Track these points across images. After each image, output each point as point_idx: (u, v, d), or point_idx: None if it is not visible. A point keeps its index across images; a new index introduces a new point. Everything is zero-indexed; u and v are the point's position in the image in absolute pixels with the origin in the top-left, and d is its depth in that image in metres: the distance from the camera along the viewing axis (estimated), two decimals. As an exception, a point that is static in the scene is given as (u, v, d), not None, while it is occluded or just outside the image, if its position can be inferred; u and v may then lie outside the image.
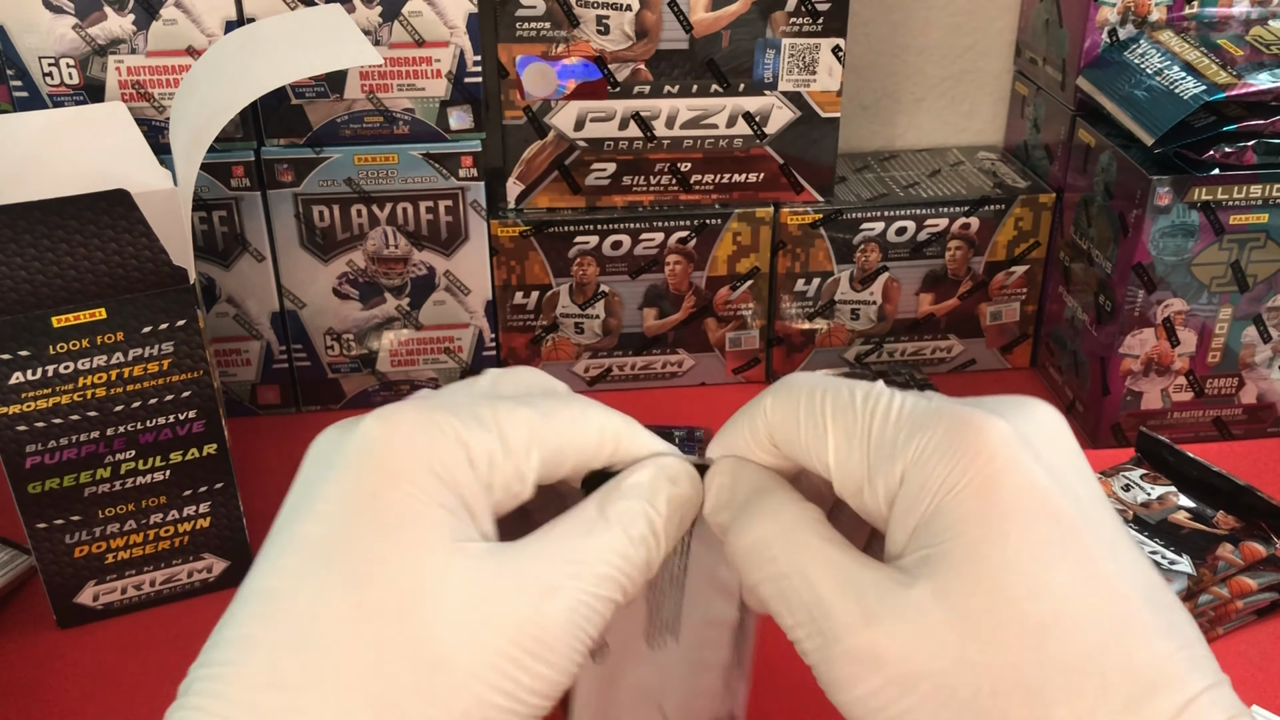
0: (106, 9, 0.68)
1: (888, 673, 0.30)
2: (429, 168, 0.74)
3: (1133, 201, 0.69)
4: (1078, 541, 0.30)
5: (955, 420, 0.32)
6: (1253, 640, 0.60)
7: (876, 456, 0.33)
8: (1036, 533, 0.30)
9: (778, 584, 0.34)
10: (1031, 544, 0.30)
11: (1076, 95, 0.77)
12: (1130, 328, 0.72)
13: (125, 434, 0.58)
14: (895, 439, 0.33)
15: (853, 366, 0.84)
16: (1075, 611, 0.29)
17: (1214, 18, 0.75)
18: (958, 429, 0.31)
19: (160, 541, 0.61)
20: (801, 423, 0.35)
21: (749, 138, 0.77)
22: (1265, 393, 0.76)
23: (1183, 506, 0.63)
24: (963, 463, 0.31)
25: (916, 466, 0.32)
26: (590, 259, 0.78)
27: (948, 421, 0.32)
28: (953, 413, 0.32)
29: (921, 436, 0.32)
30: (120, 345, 0.56)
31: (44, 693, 0.58)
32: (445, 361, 0.80)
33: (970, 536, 0.30)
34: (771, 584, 0.34)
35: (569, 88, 0.75)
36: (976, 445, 0.31)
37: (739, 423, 0.37)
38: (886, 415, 0.33)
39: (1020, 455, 0.31)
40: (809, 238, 0.79)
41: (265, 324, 0.77)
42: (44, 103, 0.70)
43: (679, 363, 0.83)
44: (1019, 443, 0.31)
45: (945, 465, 0.31)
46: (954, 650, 0.30)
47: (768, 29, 0.74)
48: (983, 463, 0.31)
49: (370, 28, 0.70)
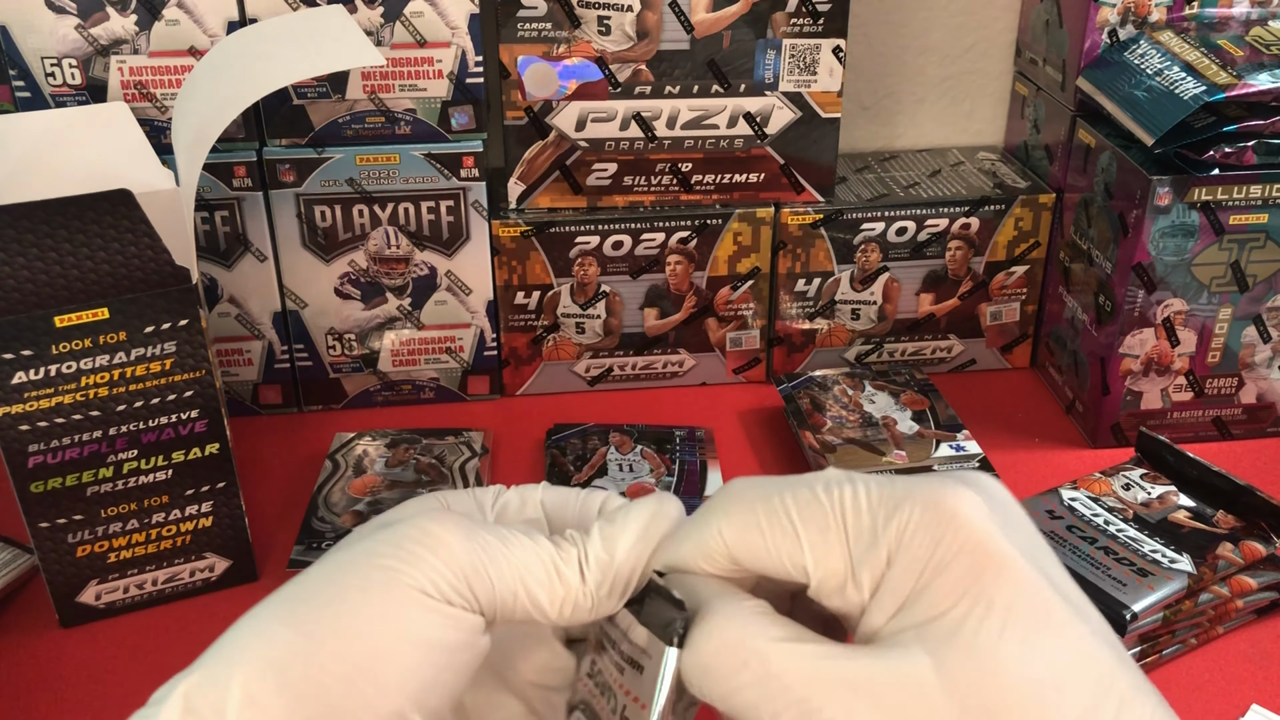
0: (109, 9, 0.68)
1: None
2: (430, 168, 0.74)
3: (1133, 201, 0.70)
4: (1056, 607, 0.31)
5: (928, 500, 0.32)
6: (1253, 639, 0.60)
7: (858, 546, 0.33)
8: (1021, 600, 0.31)
9: (757, 688, 0.32)
10: (1017, 612, 0.31)
11: (1076, 96, 0.77)
12: (1130, 328, 0.72)
13: (127, 433, 0.58)
14: (874, 526, 0.32)
15: (853, 366, 0.84)
16: (1063, 675, 0.30)
17: (1214, 18, 0.75)
18: (933, 508, 0.32)
19: (162, 541, 0.62)
20: (766, 533, 0.34)
21: (750, 138, 0.77)
22: (1265, 393, 0.76)
23: (1183, 506, 0.63)
24: (947, 538, 0.31)
25: (903, 548, 0.32)
26: (591, 259, 0.79)
27: (921, 502, 0.32)
28: (921, 492, 0.32)
29: (900, 517, 0.32)
30: (122, 345, 0.56)
31: (46, 691, 0.58)
32: (446, 361, 0.81)
33: (960, 610, 0.31)
34: (749, 690, 0.32)
35: (570, 88, 0.75)
36: (955, 523, 0.32)
37: (685, 542, 0.36)
38: (857, 504, 0.33)
39: (992, 529, 0.32)
40: (809, 238, 0.80)
41: (267, 324, 0.77)
42: (46, 103, 0.70)
43: (680, 363, 0.83)
44: (989, 517, 0.32)
45: (930, 543, 0.31)
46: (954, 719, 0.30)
47: (768, 30, 0.74)
48: (963, 539, 0.31)
49: (372, 28, 0.70)
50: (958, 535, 0.31)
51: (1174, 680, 0.58)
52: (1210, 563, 0.59)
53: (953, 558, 0.31)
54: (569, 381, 0.83)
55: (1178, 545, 0.60)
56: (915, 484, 0.33)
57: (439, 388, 0.81)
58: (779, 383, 0.79)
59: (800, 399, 0.77)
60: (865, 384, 0.79)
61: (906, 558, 0.32)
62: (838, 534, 0.33)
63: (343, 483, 0.70)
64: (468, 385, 0.82)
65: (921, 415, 0.76)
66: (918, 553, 0.32)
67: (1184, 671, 0.58)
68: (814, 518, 0.33)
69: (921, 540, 0.32)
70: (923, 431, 0.74)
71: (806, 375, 0.80)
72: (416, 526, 0.35)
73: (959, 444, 0.73)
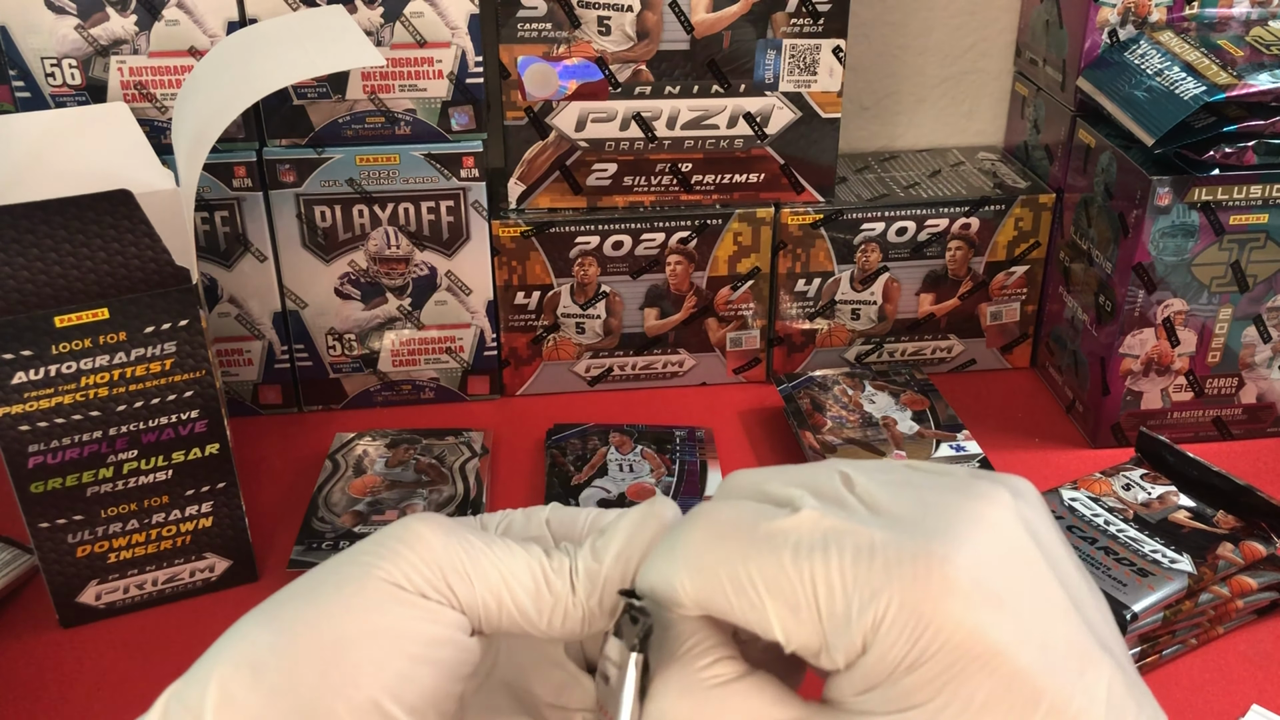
0: (109, 10, 0.68)
1: None
2: (430, 168, 0.74)
3: (1133, 202, 0.70)
4: (1045, 697, 0.29)
5: (908, 583, 0.30)
6: (1253, 639, 0.60)
7: (831, 628, 0.30)
8: (1002, 697, 0.29)
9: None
10: (998, 712, 0.29)
11: (1077, 96, 0.77)
12: (1130, 328, 0.72)
13: (127, 434, 0.58)
14: (848, 613, 0.30)
15: (853, 366, 0.84)
16: None
17: (1214, 18, 0.75)
18: (914, 600, 0.29)
19: (162, 541, 0.62)
20: (734, 601, 0.32)
21: (750, 138, 0.77)
22: (1265, 393, 0.76)
23: (1183, 506, 0.63)
24: (926, 635, 0.29)
25: (878, 640, 0.30)
26: (591, 259, 0.79)
27: (900, 589, 0.30)
28: (903, 570, 0.30)
29: (876, 609, 0.30)
30: (122, 345, 0.56)
31: (46, 691, 0.58)
32: (446, 361, 0.81)
33: (935, 705, 0.29)
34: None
35: (570, 88, 0.75)
36: (939, 619, 0.29)
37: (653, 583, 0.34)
38: (830, 585, 0.30)
39: (983, 615, 0.30)
40: (809, 238, 0.80)
41: (267, 324, 0.77)
42: (46, 103, 0.70)
43: (680, 363, 0.83)
44: (980, 598, 0.30)
45: (907, 641, 0.29)
46: None
47: (768, 30, 0.74)
48: (947, 636, 0.29)
49: (372, 28, 0.70)
50: (939, 634, 0.29)
51: (1174, 680, 0.58)
52: (1210, 563, 0.59)
53: (932, 655, 0.29)
54: (569, 381, 0.83)
55: (1178, 545, 0.60)
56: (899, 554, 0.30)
57: (439, 388, 0.81)
58: (779, 383, 0.79)
59: (800, 399, 0.77)
60: (865, 384, 0.79)
61: (882, 648, 0.30)
62: (809, 613, 0.31)
63: (343, 483, 0.70)
64: (468, 385, 0.82)
65: (921, 415, 0.76)
66: (893, 649, 0.29)
67: (1184, 671, 0.58)
68: (783, 593, 0.31)
69: (898, 636, 0.29)
70: (923, 431, 0.74)
71: (806, 375, 0.80)
72: (400, 524, 0.35)
73: (959, 444, 0.73)
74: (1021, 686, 0.29)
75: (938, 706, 0.29)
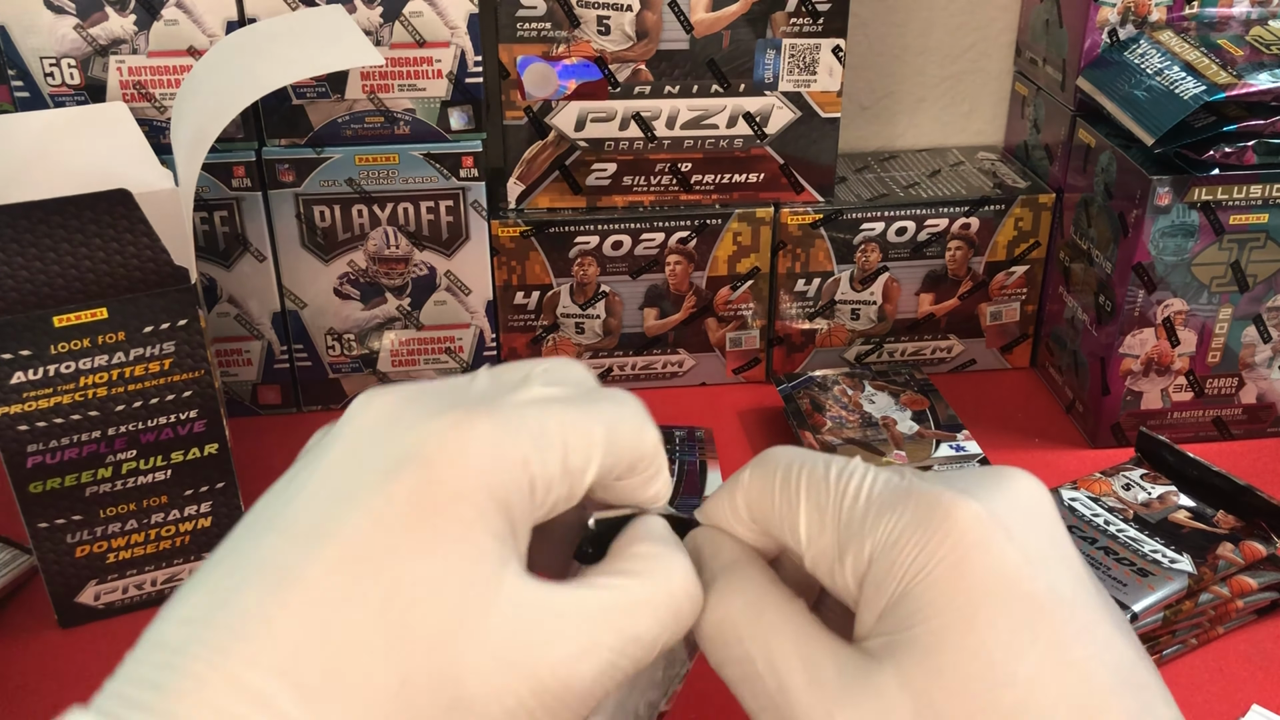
0: (108, 9, 0.68)
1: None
2: (430, 168, 0.74)
3: (1133, 201, 0.70)
4: (1048, 626, 0.30)
5: (924, 501, 0.31)
6: (1253, 639, 0.60)
7: (845, 534, 0.32)
8: (1005, 618, 0.30)
9: (742, 667, 0.33)
10: (999, 630, 0.29)
11: (1076, 95, 0.77)
12: (1130, 328, 0.72)
13: (126, 434, 0.58)
14: (864, 518, 0.32)
15: (853, 367, 0.84)
16: (1043, 700, 0.29)
17: (1214, 18, 0.75)
18: (926, 511, 0.31)
19: (161, 541, 0.61)
20: (776, 497, 0.34)
21: (749, 138, 0.77)
22: (1265, 392, 0.76)
23: (1183, 506, 0.63)
24: (931, 545, 0.30)
25: (885, 549, 0.31)
26: (591, 259, 0.78)
27: (917, 503, 0.31)
28: (922, 493, 0.31)
29: (890, 517, 0.31)
30: (121, 345, 0.56)
31: (45, 692, 0.58)
32: (446, 361, 0.80)
33: (937, 623, 0.30)
34: (736, 667, 0.33)
35: (569, 88, 0.75)
36: (945, 528, 0.30)
37: (721, 494, 0.36)
38: (857, 494, 0.33)
39: (992, 537, 0.30)
40: (809, 238, 0.80)
41: (266, 324, 0.77)
42: (45, 103, 0.70)
43: (679, 363, 0.83)
44: (991, 524, 0.31)
45: (914, 548, 0.31)
46: None
47: (768, 29, 0.74)
48: (951, 546, 0.30)
49: (371, 28, 0.70)
50: (944, 543, 0.30)
51: (1174, 680, 0.58)
52: (1210, 563, 0.59)
53: (937, 566, 0.30)
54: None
55: (1178, 545, 0.60)
56: (922, 487, 0.32)
57: (438, 388, 0.81)
58: (779, 383, 0.79)
59: (800, 399, 0.77)
60: (865, 384, 0.79)
61: (889, 558, 0.31)
62: (832, 517, 0.33)
63: (342, 483, 0.70)
64: (467, 385, 0.82)
65: (921, 415, 0.76)
66: (902, 555, 0.31)
67: (1184, 671, 0.58)
68: (815, 495, 0.33)
69: (907, 542, 0.31)
70: (922, 431, 0.74)
71: (806, 375, 0.80)
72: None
73: (959, 444, 0.73)
74: (1026, 612, 0.29)
75: (940, 627, 0.30)
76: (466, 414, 0.30)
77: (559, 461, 0.31)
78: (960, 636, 0.29)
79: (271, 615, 0.27)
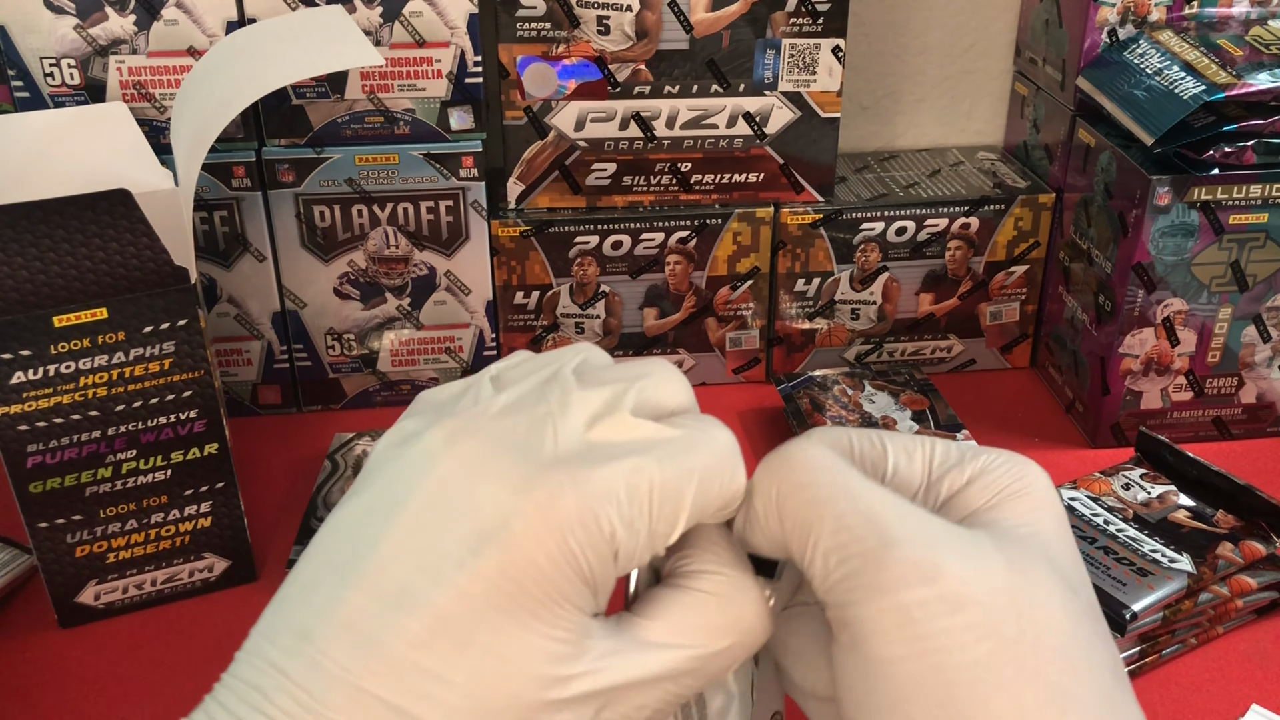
0: (108, 9, 0.68)
1: (941, 588, 0.31)
2: (430, 168, 0.74)
3: (1133, 201, 0.70)
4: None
5: (1005, 453, 0.36)
6: (1252, 639, 0.60)
7: (940, 468, 0.36)
8: (1070, 535, 0.35)
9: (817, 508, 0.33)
10: (1069, 542, 0.34)
11: (1076, 95, 0.77)
12: (1130, 327, 0.72)
13: (126, 433, 0.58)
14: (962, 455, 0.36)
15: (853, 366, 0.84)
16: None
17: (1214, 18, 0.75)
18: (1017, 459, 0.36)
19: (161, 541, 0.62)
20: (855, 444, 0.36)
21: (749, 138, 0.77)
22: (1265, 392, 0.76)
23: (1183, 505, 0.63)
24: (1025, 479, 0.35)
25: (985, 473, 0.35)
26: (590, 259, 0.78)
27: (1000, 452, 0.36)
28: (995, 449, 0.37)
29: (987, 456, 0.36)
30: (121, 345, 0.56)
31: (45, 692, 0.58)
32: (446, 361, 0.80)
33: (1023, 519, 0.34)
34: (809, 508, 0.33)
35: (569, 88, 0.75)
36: (1034, 472, 0.35)
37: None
38: (946, 445, 0.37)
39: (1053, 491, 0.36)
40: (809, 238, 0.80)
41: (266, 324, 0.77)
42: (45, 103, 0.70)
43: (679, 362, 0.83)
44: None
45: (1012, 476, 0.35)
46: (1006, 593, 0.31)
47: (768, 29, 0.74)
48: (1037, 483, 0.35)
49: (371, 28, 0.70)
50: (1034, 482, 0.35)
51: (1174, 680, 0.58)
52: (1210, 562, 0.59)
53: (1025, 491, 0.35)
54: (568, 381, 0.83)
55: (1178, 545, 0.60)
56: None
57: (438, 388, 0.81)
58: (779, 383, 0.79)
59: (800, 399, 0.77)
60: (865, 384, 0.79)
61: (987, 479, 0.35)
62: (924, 458, 0.36)
63: (342, 483, 0.70)
64: (467, 385, 0.82)
65: (921, 415, 0.76)
66: (999, 479, 0.35)
67: (1184, 671, 0.58)
68: (903, 442, 0.37)
69: (1004, 471, 0.35)
70: (922, 431, 0.74)
71: (806, 375, 0.80)
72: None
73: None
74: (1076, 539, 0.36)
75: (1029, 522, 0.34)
76: (553, 492, 0.30)
77: (646, 532, 0.32)
78: (1040, 535, 0.33)
79: (362, 685, 0.28)
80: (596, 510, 0.30)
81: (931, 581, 0.31)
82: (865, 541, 0.32)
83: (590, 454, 0.31)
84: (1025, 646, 0.30)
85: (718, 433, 0.34)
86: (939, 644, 0.30)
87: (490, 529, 0.29)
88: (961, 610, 0.30)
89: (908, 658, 0.30)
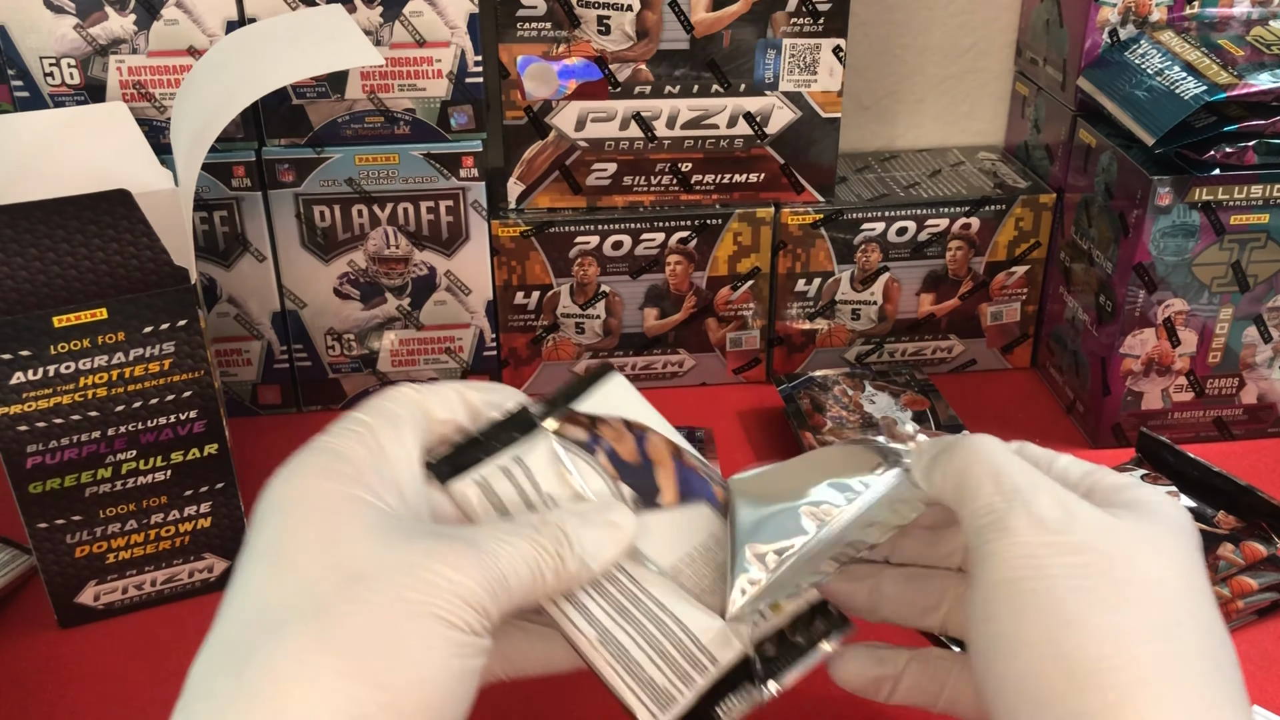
0: (108, 9, 0.68)
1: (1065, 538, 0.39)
2: (430, 168, 0.74)
3: (1133, 201, 0.70)
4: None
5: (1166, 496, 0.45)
6: (1253, 640, 0.60)
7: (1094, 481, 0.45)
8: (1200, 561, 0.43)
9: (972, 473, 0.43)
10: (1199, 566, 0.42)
11: (1077, 95, 0.77)
12: (1131, 328, 0.72)
13: (126, 434, 0.58)
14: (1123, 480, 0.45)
15: (853, 367, 0.84)
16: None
17: (1214, 18, 0.75)
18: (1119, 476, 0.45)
19: (161, 541, 0.61)
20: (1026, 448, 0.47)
21: (750, 138, 0.77)
22: (1266, 393, 0.76)
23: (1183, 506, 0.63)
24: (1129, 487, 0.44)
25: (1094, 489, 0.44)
26: (591, 259, 0.78)
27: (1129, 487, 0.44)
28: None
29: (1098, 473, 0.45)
30: (121, 345, 0.56)
31: (45, 692, 0.58)
32: (446, 361, 0.80)
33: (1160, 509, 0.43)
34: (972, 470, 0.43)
35: (570, 88, 0.75)
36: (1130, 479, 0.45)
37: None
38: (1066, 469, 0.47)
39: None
40: (810, 238, 0.80)
41: (266, 324, 0.77)
42: (45, 103, 0.70)
43: (680, 363, 0.83)
44: None
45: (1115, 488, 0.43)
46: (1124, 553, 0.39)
47: (768, 29, 0.74)
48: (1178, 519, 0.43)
49: (371, 28, 0.70)
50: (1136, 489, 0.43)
51: (1175, 681, 0.58)
52: (1211, 563, 0.59)
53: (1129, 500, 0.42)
54: (569, 382, 0.83)
55: (1178, 546, 0.60)
56: None
57: (438, 388, 0.81)
58: (779, 383, 0.79)
59: (800, 399, 0.77)
60: (866, 384, 0.79)
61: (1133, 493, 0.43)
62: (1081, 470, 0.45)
63: (342, 483, 0.70)
64: (467, 385, 0.82)
65: (922, 416, 0.76)
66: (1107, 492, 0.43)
67: (1185, 672, 0.58)
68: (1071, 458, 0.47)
69: (1110, 482, 0.44)
70: (923, 432, 0.74)
71: (806, 375, 0.79)
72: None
73: (959, 444, 0.72)
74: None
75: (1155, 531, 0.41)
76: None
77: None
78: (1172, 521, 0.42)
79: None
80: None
81: (1058, 533, 0.39)
82: (1012, 499, 0.41)
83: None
84: (1135, 587, 0.38)
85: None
86: (1055, 573, 0.38)
87: None
88: (1078, 554, 0.38)
89: (1026, 578, 0.38)
